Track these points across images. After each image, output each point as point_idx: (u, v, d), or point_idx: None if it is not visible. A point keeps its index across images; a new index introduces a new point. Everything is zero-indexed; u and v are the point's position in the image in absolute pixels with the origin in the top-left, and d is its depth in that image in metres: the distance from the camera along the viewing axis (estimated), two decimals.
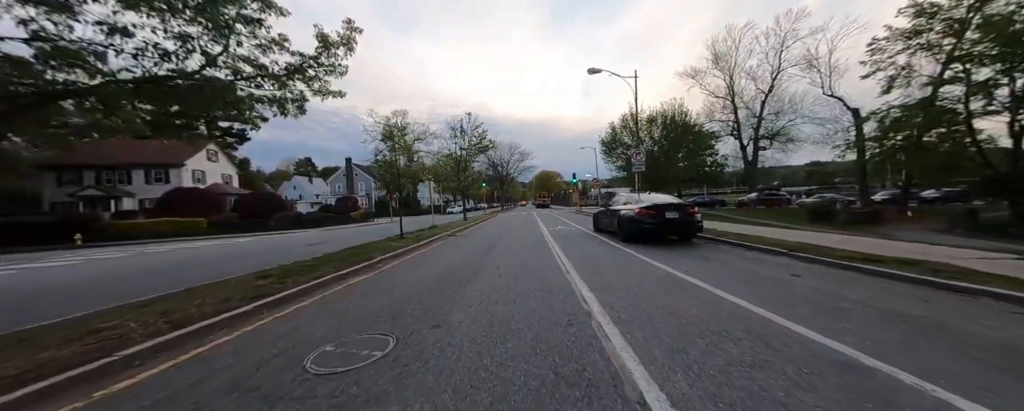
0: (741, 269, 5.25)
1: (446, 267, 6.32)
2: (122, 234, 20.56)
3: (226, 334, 3.32)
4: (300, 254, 8.63)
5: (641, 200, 8.67)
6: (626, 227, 8.62)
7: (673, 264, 5.70)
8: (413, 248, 9.19)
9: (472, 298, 4.09)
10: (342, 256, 7.73)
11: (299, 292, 4.72)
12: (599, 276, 4.99)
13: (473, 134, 22.51)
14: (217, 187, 32.27)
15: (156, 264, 9.07)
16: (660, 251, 7.11)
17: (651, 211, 7.99)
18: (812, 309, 3.32)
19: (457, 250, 8.73)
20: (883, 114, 24.55)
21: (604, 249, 7.76)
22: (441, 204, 57.94)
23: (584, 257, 6.71)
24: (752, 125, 37.25)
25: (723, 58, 33.60)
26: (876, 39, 24.14)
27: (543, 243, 9.32)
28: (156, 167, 29.50)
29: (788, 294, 3.83)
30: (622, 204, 9.78)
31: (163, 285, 5.34)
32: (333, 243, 12.29)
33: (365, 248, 9.05)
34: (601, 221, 11.58)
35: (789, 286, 4.18)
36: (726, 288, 4.10)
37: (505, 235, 11.99)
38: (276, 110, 5.70)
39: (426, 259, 7.51)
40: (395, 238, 11.30)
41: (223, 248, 12.57)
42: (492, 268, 5.96)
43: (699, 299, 3.74)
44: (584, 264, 5.96)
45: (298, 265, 6.65)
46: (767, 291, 3.98)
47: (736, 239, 7.95)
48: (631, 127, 30.58)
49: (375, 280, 5.56)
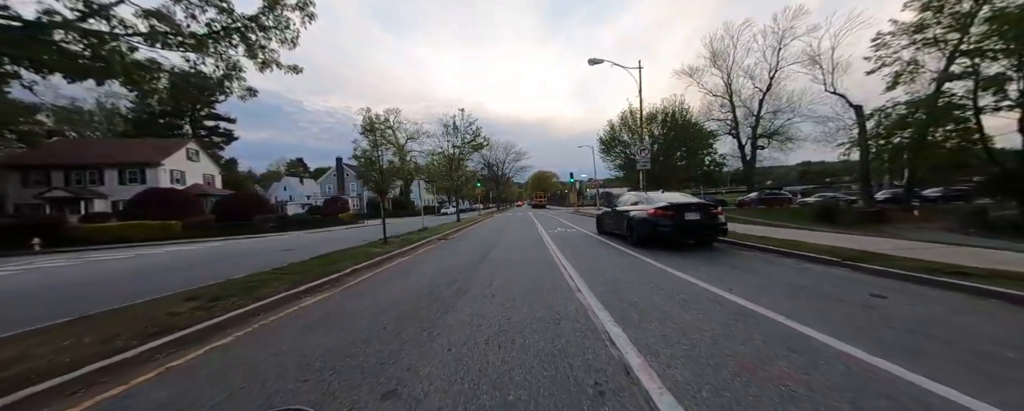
0: (797, 286, 4.18)
1: (427, 283, 5.17)
2: (87, 238, 19.05)
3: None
4: (264, 263, 7.42)
5: (655, 199, 7.61)
6: (638, 230, 7.54)
7: (707, 277, 4.61)
8: (395, 255, 8.03)
9: (453, 336, 2.96)
10: (308, 267, 6.55)
11: (224, 322, 3.54)
12: (620, 296, 3.88)
13: (466, 131, 21.37)
14: (197, 188, 30.70)
15: (81, 277, 7.65)
16: (681, 258, 6.04)
17: (668, 212, 6.92)
18: (961, 361, 2.24)
19: (445, 258, 7.59)
20: (888, 111, 23.84)
21: (616, 256, 6.66)
22: (436, 205, 56.64)
23: (595, 267, 5.61)
24: (750, 124, 36.65)
25: (721, 56, 32.83)
26: (881, 34, 23.41)
27: (543, 248, 8.21)
28: (130, 167, 27.88)
29: (903, 331, 2.72)
30: (631, 204, 8.71)
31: (60, 308, 4.13)
32: (309, 249, 11.06)
33: (339, 256, 7.87)
34: (606, 223, 10.51)
35: (886, 315, 3.10)
36: (803, 319, 3.01)
37: (501, 239, 10.86)
38: (216, 85, 4.53)
39: (406, 270, 6.36)
40: (377, 243, 10.11)
41: (183, 255, 11.27)
42: (483, 284, 4.82)
43: (778, 339, 2.64)
44: (597, 278, 4.85)
45: (247, 280, 5.45)
46: (865, 324, 2.89)
47: (759, 242, 6.92)
48: (630, 124, 29.66)
49: (334, 302, 4.39)
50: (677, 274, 4.86)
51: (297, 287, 4.92)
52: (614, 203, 10.13)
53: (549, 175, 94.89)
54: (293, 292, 4.70)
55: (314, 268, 6.33)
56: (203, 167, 33.62)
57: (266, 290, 4.72)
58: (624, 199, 9.62)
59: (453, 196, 23.42)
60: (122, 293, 5.06)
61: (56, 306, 4.52)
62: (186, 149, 31.41)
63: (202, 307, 3.97)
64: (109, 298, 4.70)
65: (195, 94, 4.53)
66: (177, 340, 3.08)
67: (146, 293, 4.82)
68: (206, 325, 3.36)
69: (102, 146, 31.27)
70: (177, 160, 30.18)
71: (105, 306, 4.13)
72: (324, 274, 5.76)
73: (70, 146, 30.26)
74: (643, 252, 6.87)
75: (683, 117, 29.50)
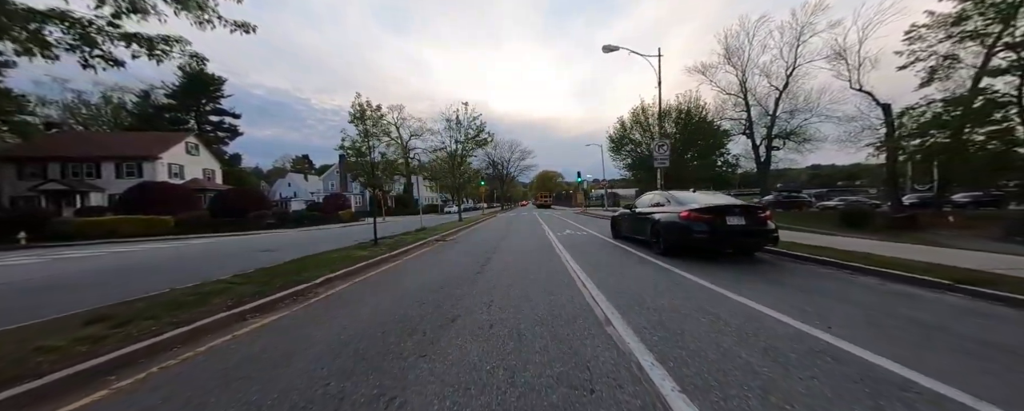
0: (921, 324, 3.01)
1: (408, 302, 4.09)
2: (77, 233, 18.34)
3: None
4: (236, 266, 6.46)
5: (685, 200, 6.43)
6: (666, 235, 6.39)
7: (779, 305, 3.46)
8: (381, 260, 6.96)
9: (427, 406, 1.86)
10: (273, 274, 5.51)
11: (103, 366, 2.48)
12: (673, 338, 2.74)
13: (470, 126, 20.28)
14: (196, 183, 30.05)
15: (3, 282, 6.62)
16: (726, 272, 4.89)
17: (705, 215, 5.75)
18: None
19: (438, 265, 6.50)
20: (921, 109, 22.26)
21: (643, 269, 5.51)
22: (439, 203, 55.72)
23: (623, 285, 4.47)
24: (765, 124, 35.13)
25: (735, 53, 31.31)
26: (915, 26, 21.78)
27: (552, 255, 7.09)
28: (128, 160, 27.27)
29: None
30: (652, 205, 7.55)
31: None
32: (292, 249, 10.06)
33: (316, 261, 6.82)
34: (622, 226, 9.35)
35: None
36: (997, 399, 1.86)
37: (503, 242, 9.76)
38: (134, 47, 3.49)
39: (389, 282, 5.28)
40: (365, 245, 9.06)
41: (159, 254, 10.33)
42: (479, 307, 3.72)
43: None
44: (630, 302, 3.72)
45: (190, 292, 4.41)
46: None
47: (811, 252, 5.73)
48: (642, 122, 28.36)
49: (278, 330, 3.32)
50: (736, 299, 3.69)
51: (244, 304, 3.86)
52: (632, 204, 8.97)
53: (554, 175, 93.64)
54: (236, 312, 3.64)
55: (280, 276, 5.28)
56: (203, 162, 32.99)
57: (201, 309, 3.67)
58: (644, 200, 8.46)
59: (456, 195, 22.37)
60: (25, 307, 4.04)
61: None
62: (185, 143, 30.78)
63: (96, 336, 2.91)
64: (7, 312, 3.68)
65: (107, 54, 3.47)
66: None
67: (60, 307, 3.80)
68: (59, 377, 2.29)
69: (100, 139, 30.77)
70: (176, 154, 29.54)
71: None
72: (288, 285, 4.70)
73: (67, 139, 29.79)
74: (675, 263, 5.72)
75: (699, 114, 28.10)
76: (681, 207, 6.23)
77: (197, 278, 5.38)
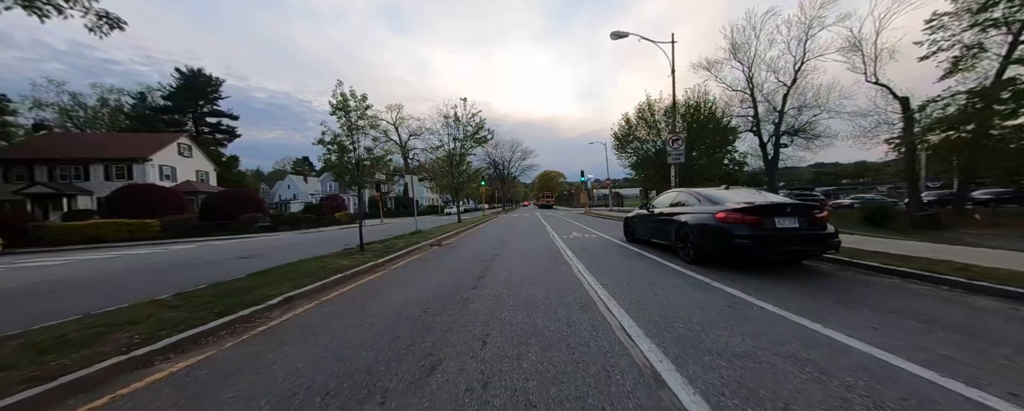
0: None
1: (381, 331, 3.09)
2: (58, 238, 17.51)
3: None
4: (198, 278, 5.58)
5: (719, 198, 5.41)
6: (699, 240, 5.37)
7: (909, 350, 2.43)
8: (363, 271, 5.97)
9: None
10: (230, 290, 4.55)
11: None
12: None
13: (468, 123, 19.29)
14: (189, 185, 29.22)
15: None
16: (786, 288, 3.87)
17: (749, 217, 4.73)
18: None
19: (427, 277, 5.50)
20: (944, 101, 21.14)
21: (679, 285, 4.49)
22: (440, 204, 54.80)
23: (660, 311, 3.46)
24: (772, 120, 34.07)
25: (742, 48, 30.22)
26: (937, 14, 20.73)
27: (560, 263, 6.08)
28: (117, 162, 26.43)
29: None
30: (674, 205, 6.54)
31: None
32: (275, 254, 9.13)
33: (288, 271, 5.85)
34: (638, 228, 8.34)
35: None
36: None
37: (504, 247, 8.76)
38: None
39: (362, 302, 4.28)
40: (350, 252, 8.08)
41: (118, 263, 9.38)
42: (471, 346, 2.72)
43: None
44: (680, 341, 2.70)
45: (102, 320, 3.43)
46: None
47: (872, 259, 4.71)
48: (648, 117, 27.31)
49: (193, 382, 2.33)
50: (832, 336, 2.64)
51: (159, 340, 2.88)
52: (649, 204, 7.95)
53: (556, 175, 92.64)
54: (139, 354, 2.66)
55: (230, 296, 4.29)
56: (196, 164, 32.16)
57: (90, 350, 2.69)
58: (664, 199, 7.44)
59: (455, 195, 21.38)
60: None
61: None
62: (178, 144, 29.94)
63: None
64: None
65: None
66: None
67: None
68: None
69: (89, 140, 29.99)
70: (167, 156, 28.70)
71: None
72: (233, 308, 3.72)
73: (56, 140, 29.01)
74: (711, 274, 4.70)
75: (708, 109, 27.02)
76: (716, 207, 5.21)
77: (134, 296, 4.43)
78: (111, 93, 46.73)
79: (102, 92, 45.44)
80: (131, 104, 47.23)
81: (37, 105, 37.44)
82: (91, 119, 43.71)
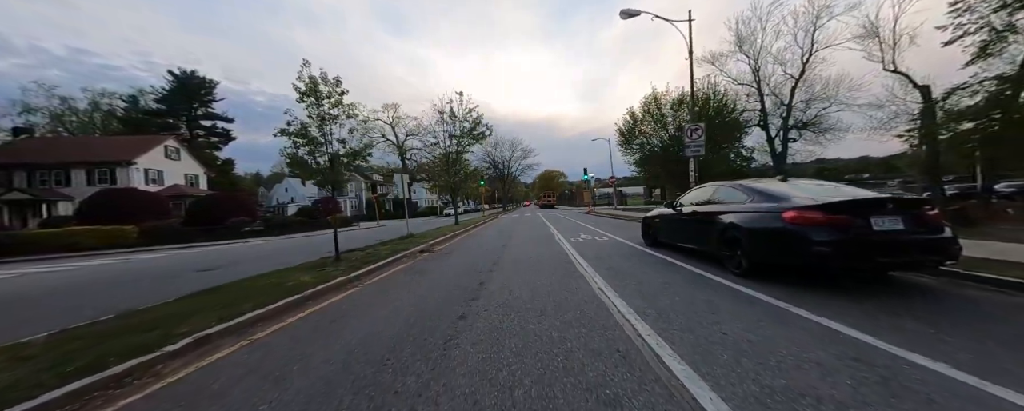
0: None
1: (314, 400, 1.88)
2: (29, 246, 16.35)
3: None
4: (119, 300, 4.33)
5: (786, 194, 4.17)
6: (757, 248, 4.14)
7: None
8: (326, 290, 4.76)
9: None
10: (129, 327, 3.35)
11: None
12: None
13: (465, 118, 18.09)
14: (177, 189, 28.09)
15: None
16: (918, 322, 2.67)
17: (835, 217, 3.50)
18: None
19: (404, 298, 4.29)
20: (973, 88, 19.89)
21: (754, 318, 3.26)
22: (439, 205, 53.57)
23: (749, 371, 2.24)
24: (780, 114, 32.88)
25: (747, 41, 28.97)
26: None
27: (574, 275, 4.87)
28: (100, 166, 25.31)
29: None
30: (713, 202, 5.32)
31: None
32: (246, 264, 7.96)
33: (228, 294, 4.65)
34: (660, 230, 7.14)
35: None
36: None
37: (505, 253, 7.54)
38: None
39: (304, 342, 3.06)
40: (324, 263, 6.88)
41: (51, 278, 8.21)
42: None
43: None
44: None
45: None
46: None
47: (1003, 272, 3.50)
48: (654, 111, 26.06)
49: None
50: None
51: None
52: (675, 202, 6.72)
53: (557, 174, 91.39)
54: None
55: (124, 334, 3.11)
56: (185, 166, 31.03)
57: None
58: (695, 196, 6.22)
59: (452, 195, 20.19)
60: None
61: None
62: (164, 146, 28.82)
63: None
64: None
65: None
66: None
67: None
68: None
69: (70, 144, 28.88)
70: (153, 159, 27.58)
71: None
72: (105, 363, 2.52)
73: (36, 144, 27.93)
74: (786, 296, 3.49)
75: (718, 101, 25.77)
76: (780, 204, 3.99)
77: (62, 319, 3.25)
78: (103, 96, 45.71)
79: (94, 96, 44.42)
80: (123, 107, 46.19)
81: (27, 110, 36.39)
82: (84, 124, 42.70)
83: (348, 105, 6.81)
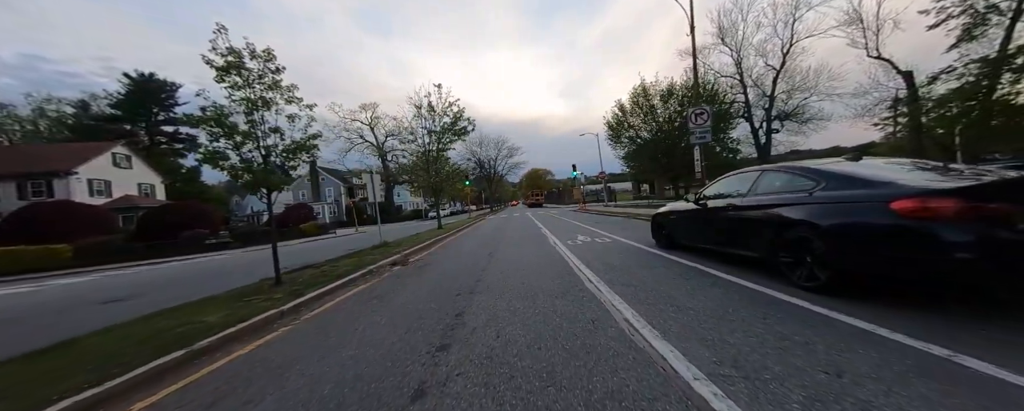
0: None
1: None
2: None
3: None
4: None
5: (881, 178, 2.96)
6: (850, 253, 2.92)
7: None
8: (249, 330, 3.30)
9: None
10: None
11: None
12: None
13: (445, 113, 16.63)
14: (128, 200, 25.48)
15: None
16: None
17: (986, 206, 2.31)
18: None
19: (350, 350, 2.88)
20: (958, 72, 19.71)
21: (904, 371, 2.03)
22: (425, 208, 51.57)
23: None
24: (763, 106, 32.90)
25: (729, 32, 28.61)
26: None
27: (583, 298, 3.58)
28: (34, 178, 22.54)
29: None
30: (762, 193, 4.13)
31: None
32: (174, 289, 6.36)
33: (117, 337, 3.14)
34: (678, 230, 5.94)
35: None
36: None
37: (492, 264, 6.18)
38: None
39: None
40: (258, 289, 5.36)
41: None
42: None
43: None
44: None
45: None
46: None
47: None
48: (643, 103, 25.20)
49: None
50: None
51: None
52: (698, 195, 5.52)
53: (543, 172, 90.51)
54: None
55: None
56: (138, 176, 28.30)
57: None
58: (724, 185, 5.04)
59: (435, 196, 18.70)
60: None
61: None
62: (112, 154, 26.10)
63: None
64: None
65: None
66: None
67: None
68: None
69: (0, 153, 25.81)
70: (99, 168, 24.88)
71: None
72: None
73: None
74: (889, 321, 2.30)
75: (708, 90, 25.14)
76: (881, 190, 2.79)
77: None
78: (49, 103, 41.76)
79: (38, 102, 40.50)
80: (72, 114, 42.36)
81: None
82: (29, 133, 38.85)
83: (288, 86, 5.29)
